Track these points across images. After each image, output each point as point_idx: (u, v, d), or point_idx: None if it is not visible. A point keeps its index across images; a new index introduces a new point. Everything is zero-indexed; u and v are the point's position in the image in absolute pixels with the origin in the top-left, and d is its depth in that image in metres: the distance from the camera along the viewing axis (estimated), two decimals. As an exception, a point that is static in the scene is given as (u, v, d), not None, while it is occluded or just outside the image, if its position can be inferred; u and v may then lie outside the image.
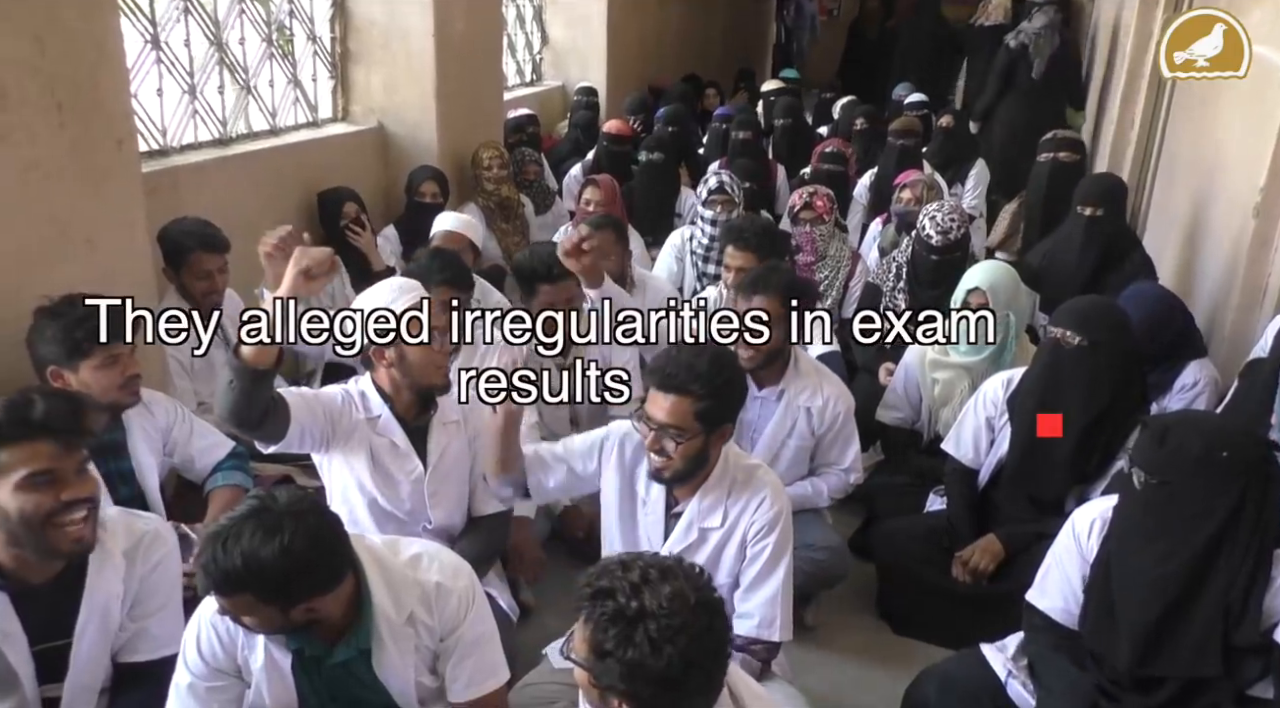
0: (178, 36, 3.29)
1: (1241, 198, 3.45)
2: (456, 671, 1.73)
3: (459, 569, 1.76)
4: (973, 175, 5.41)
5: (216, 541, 1.47)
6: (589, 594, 1.30)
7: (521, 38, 6.43)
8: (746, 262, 3.15)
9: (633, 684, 1.27)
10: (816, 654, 2.57)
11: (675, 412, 1.90)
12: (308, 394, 2.18)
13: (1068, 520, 2.01)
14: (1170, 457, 1.77)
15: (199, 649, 1.65)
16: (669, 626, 1.25)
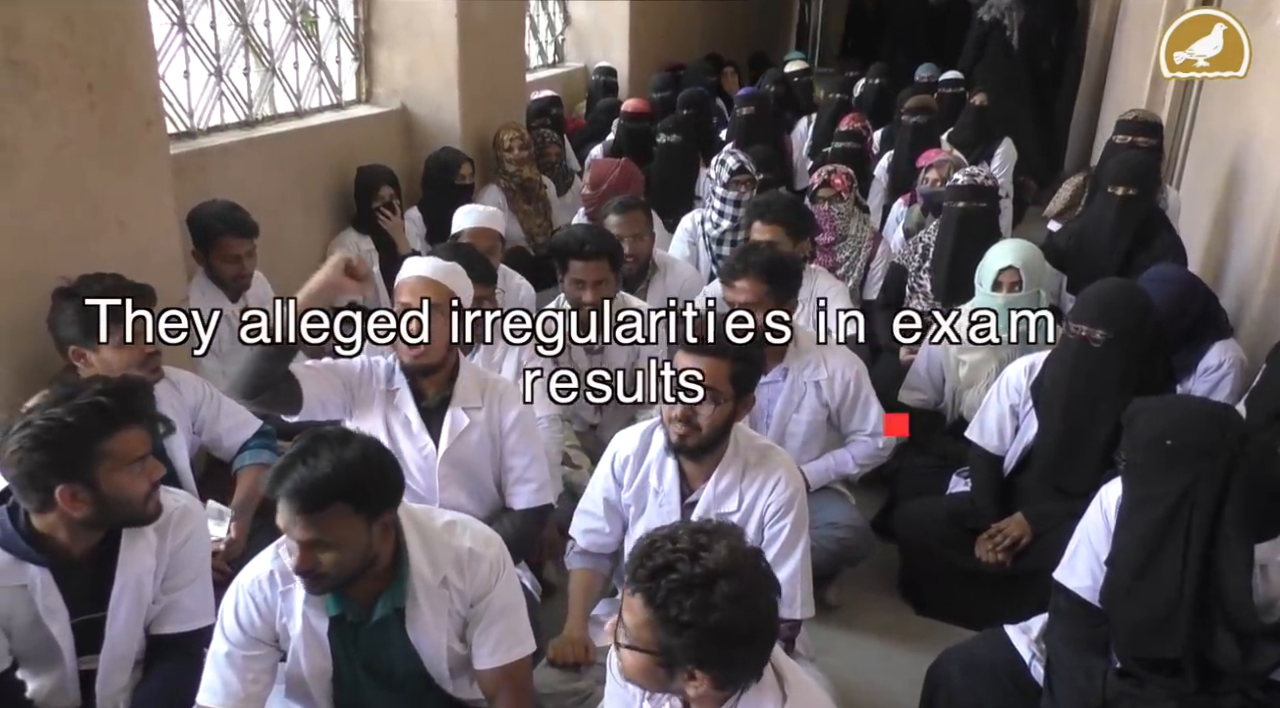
0: (203, 19, 3.31)
1: (1272, 177, 3.40)
2: (484, 637, 1.75)
3: (490, 538, 1.80)
4: (999, 154, 5.35)
5: (297, 461, 1.54)
6: (645, 576, 1.28)
7: (544, 18, 6.41)
8: (774, 234, 3.15)
9: (714, 649, 1.28)
10: (839, 634, 2.58)
11: (711, 372, 1.91)
12: (325, 366, 2.23)
13: (1096, 496, 2.00)
14: (1132, 440, 1.84)
15: (237, 618, 1.69)
16: (740, 579, 1.28)
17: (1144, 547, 1.80)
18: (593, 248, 2.79)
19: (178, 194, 2.69)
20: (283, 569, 1.69)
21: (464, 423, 2.27)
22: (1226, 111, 4.28)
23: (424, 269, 2.23)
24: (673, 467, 2.07)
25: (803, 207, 3.51)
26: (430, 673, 1.77)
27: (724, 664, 1.31)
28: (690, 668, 1.30)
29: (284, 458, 1.57)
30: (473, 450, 2.29)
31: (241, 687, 1.67)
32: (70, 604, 1.74)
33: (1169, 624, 1.78)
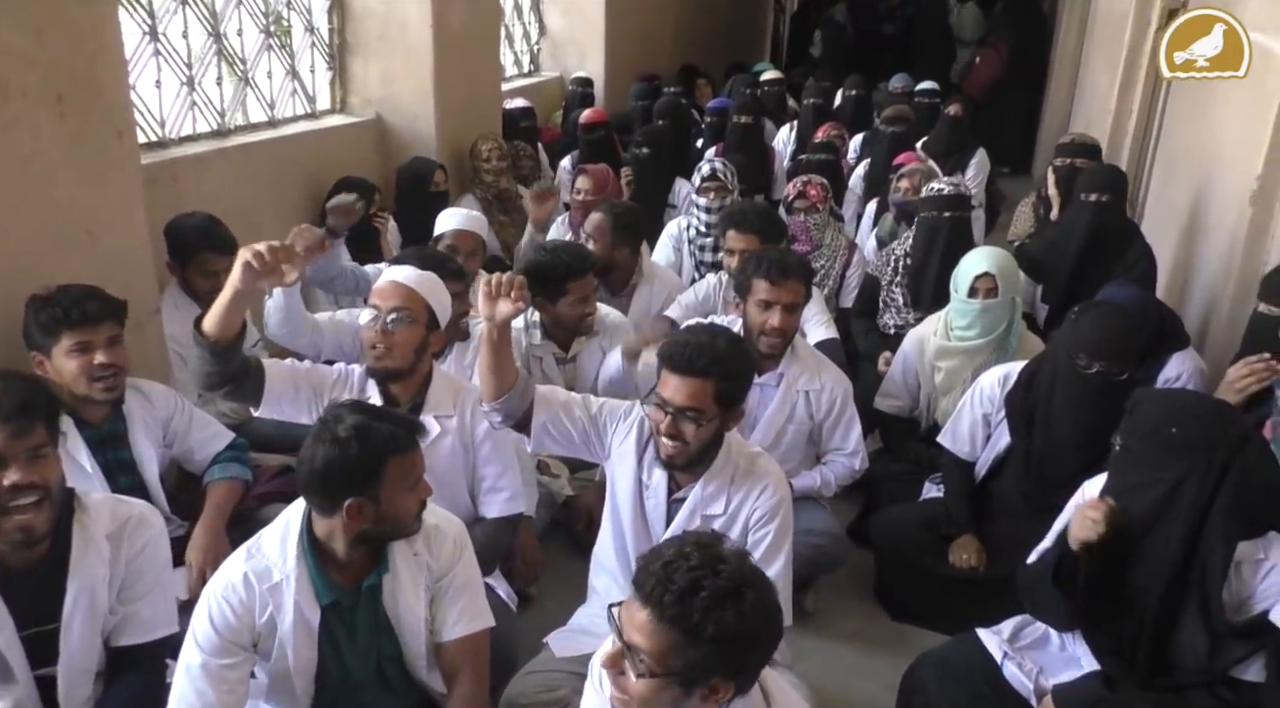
0: (175, 28, 3.29)
1: (1239, 186, 3.46)
2: (448, 610, 1.80)
3: (451, 518, 1.89)
4: (974, 164, 5.42)
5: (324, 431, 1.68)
6: (673, 600, 1.25)
7: (519, 28, 6.42)
8: (749, 244, 3.17)
9: (746, 655, 1.29)
10: (815, 640, 2.59)
11: (695, 394, 1.92)
12: (299, 368, 2.27)
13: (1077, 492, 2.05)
14: (1132, 426, 1.88)
15: (213, 624, 1.69)
16: (761, 584, 1.31)
17: (1135, 529, 1.84)
18: (590, 263, 2.87)
19: (149, 204, 2.66)
20: (257, 568, 1.71)
21: (435, 431, 2.27)
22: (1192, 121, 4.36)
23: (402, 276, 2.26)
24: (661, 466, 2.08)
25: (776, 216, 3.53)
26: (408, 655, 1.79)
27: (747, 670, 1.32)
28: (714, 682, 1.29)
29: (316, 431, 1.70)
30: (444, 459, 2.29)
31: (217, 698, 1.66)
32: (18, 615, 1.70)
33: (1136, 606, 1.83)
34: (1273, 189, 3.24)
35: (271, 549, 1.74)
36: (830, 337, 3.25)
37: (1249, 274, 3.26)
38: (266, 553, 1.73)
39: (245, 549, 1.75)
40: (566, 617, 2.27)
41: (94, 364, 2.14)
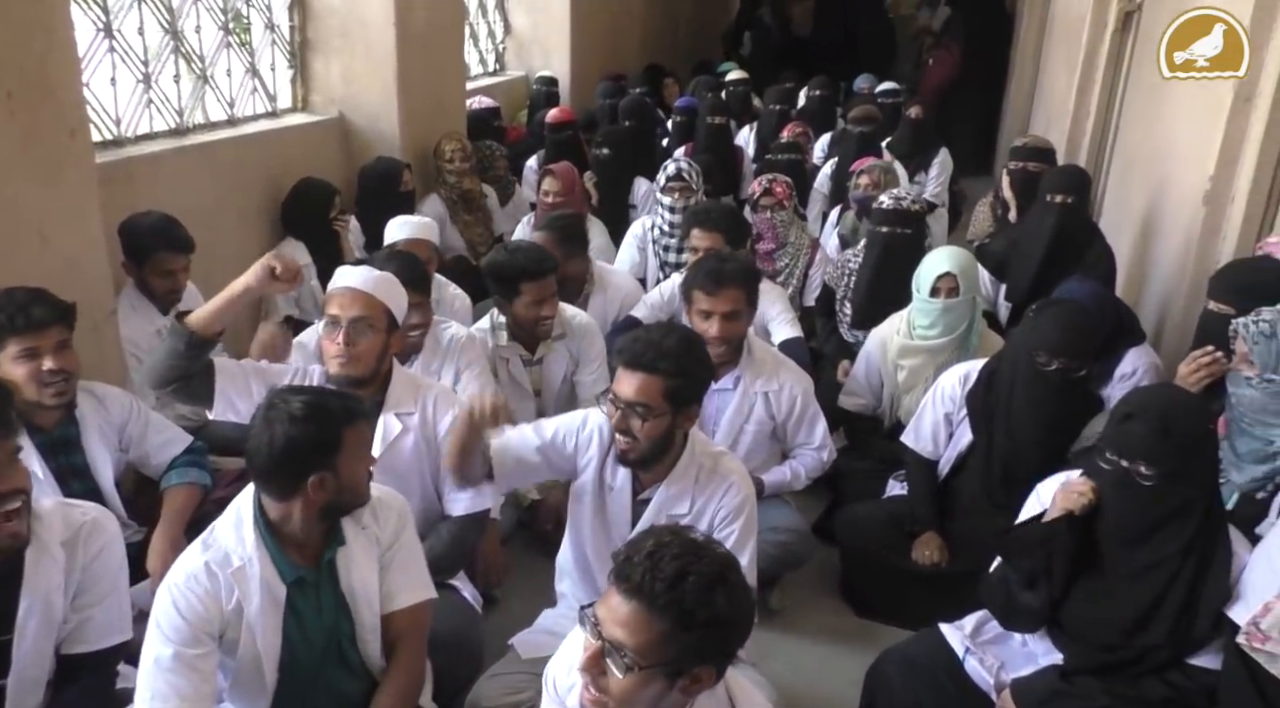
0: (131, 25, 3.23)
1: (1192, 186, 3.53)
2: (395, 580, 1.84)
3: (394, 494, 1.93)
4: (936, 163, 5.48)
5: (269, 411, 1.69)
6: (664, 589, 1.25)
7: (484, 27, 6.39)
8: (713, 243, 3.19)
9: (732, 636, 1.32)
10: (781, 638, 2.60)
11: (644, 389, 1.92)
12: (250, 366, 2.27)
13: (1032, 493, 2.07)
14: (1179, 445, 1.79)
15: (179, 612, 1.67)
16: (735, 565, 1.34)
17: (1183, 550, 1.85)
18: (549, 265, 2.83)
19: (105, 204, 2.62)
20: (216, 558, 1.70)
21: (396, 430, 2.26)
22: (1147, 122, 4.44)
23: (355, 280, 2.23)
24: None
25: (740, 215, 3.55)
26: (362, 632, 1.80)
27: (729, 654, 1.34)
28: (699, 669, 1.30)
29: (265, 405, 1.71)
30: (406, 458, 2.28)
31: (193, 688, 1.63)
32: None
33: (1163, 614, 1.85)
34: (1224, 189, 3.31)
35: (227, 538, 1.73)
36: (795, 336, 3.27)
37: (1202, 272, 3.32)
38: (223, 543, 1.72)
39: (200, 542, 1.74)
40: (532, 618, 2.26)
41: (42, 370, 2.10)
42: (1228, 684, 1.77)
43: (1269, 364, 2.10)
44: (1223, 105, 3.26)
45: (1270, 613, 1.68)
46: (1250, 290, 2.37)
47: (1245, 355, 2.14)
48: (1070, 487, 1.91)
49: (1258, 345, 2.11)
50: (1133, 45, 5.13)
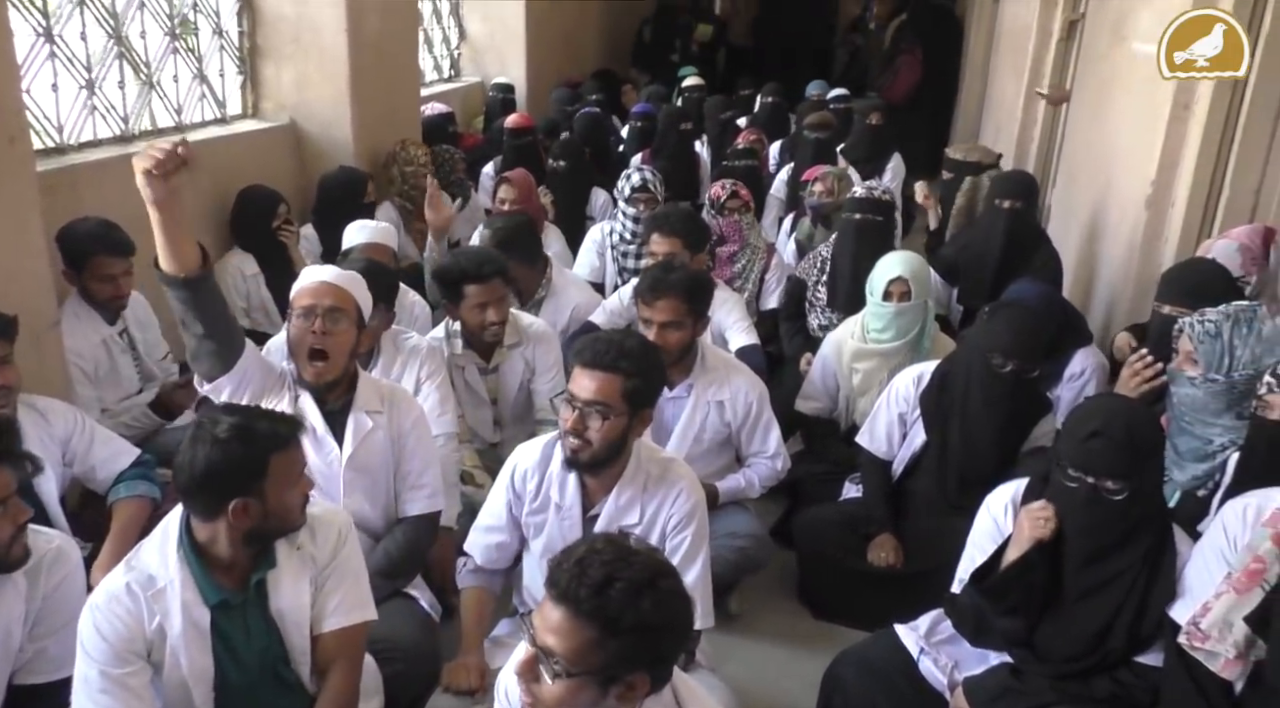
0: (73, 30, 3.16)
1: (1135, 192, 3.62)
2: (329, 600, 1.78)
3: (335, 510, 1.89)
4: (890, 168, 5.56)
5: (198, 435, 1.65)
6: (590, 594, 1.26)
7: (439, 33, 6.35)
8: (672, 247, 3.20)
9: (664, 644, 1.31)
10: (739, 641, 2.61)
11: (604, 388, 1.93)
12: (260, 353, 2.29)
13: (981, 507, 2.09)
14: (1142, 457, 1.82)
15: (100, 633, 1.63)
16: (672, 574, 1.33)
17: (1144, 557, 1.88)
18: (490, 269, 2.80)
19: (46, 213, 2.56)
20: (139, 578, 1.66)
21: (367, 426, 2.26)
22: (1091, 130, 4.55)
23: (327, 275, 2.24)
24: (574, 481, 2.07)
25: (700, 219, 3.57)
26: (292, 654, 1.76)
27: (663, 661, 1.33)
28: (630, 677, 1.29)
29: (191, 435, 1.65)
30: (376, 455, 2.28)
31: (124, 705, 1.60)
32: None
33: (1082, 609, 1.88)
34: (1165, 194, 3.41)
35: (151, 558, 1.69)
36: (751, 343, 3.29)
37: (1146, 274, 3.42)
38: (146, 562, 1.68)
39: (125, 562, 1.70)
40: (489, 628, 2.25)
41: None
42: (1169, 683, 1.81)
43: (1213, 364, 2.14)
44: (1162, 113, 3.36)
45: (1209, 613, 1.71)
46: (1200, 292, 2.43)
47: (1190, 355, 2.18)
48: (1033, 514, 1.89)
49: (1202, 345, 2.15)
50: (1077, 53, 5.26)
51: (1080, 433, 1.84)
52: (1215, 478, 2.17)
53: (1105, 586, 1.88)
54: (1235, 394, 2.11)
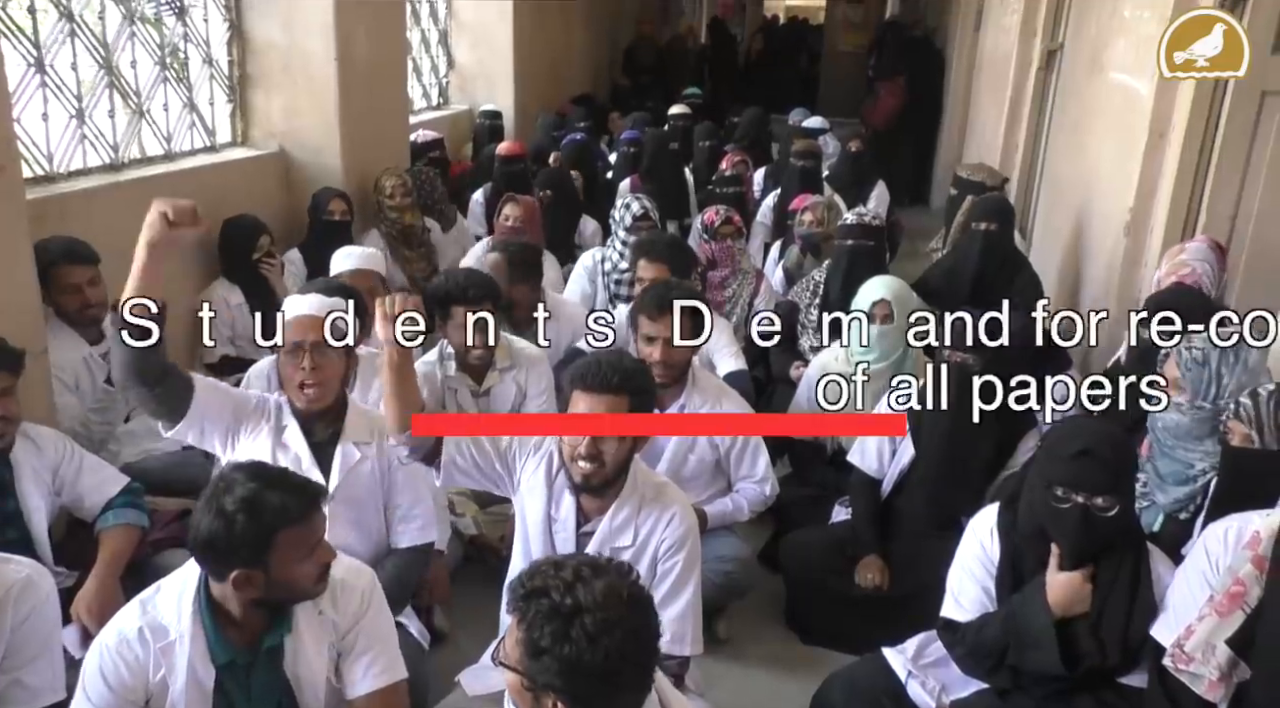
0: (64, 59, 3.19)
1: (1114, 217, 3.68)
2: (356, 664, 1.75)
3: (360, 569, 1.82)
4: (874, 196, 5.62)
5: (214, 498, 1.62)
6: (522, 595, 1.31)
7: (427, 61, 6.41)
8: (658, 273, 3.24)
9: (569, 681, 1.28)
10: (728, 666, 2.61)
11: (614, 410, 1.94)
12: (222, 388, 2.22)
13: (967, 532, 2.11)
14: (1125, 475, 1.89)
15: (105, 679, 1.61)
16: (604, 620, 1.28)
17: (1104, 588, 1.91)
18: (475, 292, 2.81)
19: (38, 243, 2.57)
20: (152, 624, 1.64)
21: (355, 457, 2.26)
22: (1071, 157, 4.63)
23: (313, 308, 2.23)
24: (570, 497, 2.08)
25: (685, 245, 3.61)
26: None
27: (581, 700, 1.31)
28: (552, 697, 1.31)
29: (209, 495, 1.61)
30: (364, 487, 2.27)
31: None
32: None
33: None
34: (1144, 220, 3.47)
35: (167, 606, 1.67)
36: (739, 368, 3.31)
37: (1125, 299, 3.47)
38: (161, 610, 1.66)
39: (140, 602, 1.67)
40: (479, 655, 2.24)
41: None
42: (1151, 705, 1.82)
43: (1200, 391, 2.17)
44: (1139, 141, 3.42)
45: (1193, 635, 1.73)
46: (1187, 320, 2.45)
47: (1176, 381, 2.21)
48: (1073, 584, 1.88)
49: (1190, 373, 2.18)
50: (1056, 82, 5.36)
51: (1066, 452, 1.85)
52: (1197, 501, 2.19)
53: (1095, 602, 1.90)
54: (1218, 423, 2.14)
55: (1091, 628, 1.89)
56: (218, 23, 3.98)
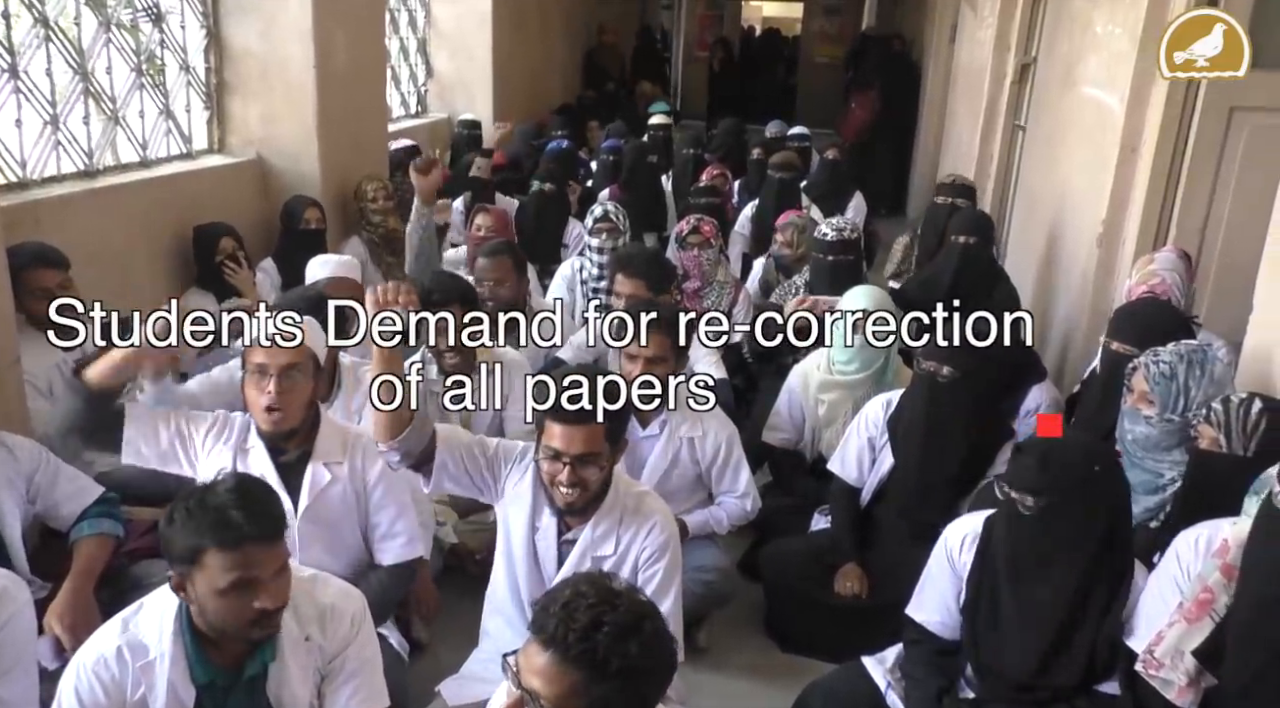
0: (38, 65, 3.16)
1: (1087, 229, 3.74)
2: (341, 692, 1.72)
3: (350, 592, 1.79)
4: (851, 207, 5.66)
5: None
6: (578, 638, 1.25)
7: (406, 69, 6.40)
8: (636, 289, 3.24)
9: (650, 686, 1.30)
10: (708, 675, 2.61)
11: (591, 439, 1.94)
12: (160, 415, 2.20)
13: (940, 538, 2.13)
14: (1056, 478, 1.87)
15: (79, 698, 1.58)
16: (653, 615, 1.33)
17: (1080, 583, 1.91)
18: (440, 296, 2.80)
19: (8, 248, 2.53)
20: (131, 642, 1.61)
21: (325, 479, 2.22)
22: (1044, 170, 4.69)
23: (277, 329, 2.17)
24: None
25: (664, 259, 3.62)
26: None
27: (646, 704, 1.32)
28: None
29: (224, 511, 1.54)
30: (335, 508, 2.24)
31: None
32: None
33: (1095, 652, 1.91)
34: (1116, 232, 3.53)
35: (148, 625, 1.64)
36: (719, 377, 3.33)
37: (1099, 310, 3.52)
38: (142, 628, 1.63)
39: (121, 619, 1.64)
40: (459, 665, 2.24)
41: None
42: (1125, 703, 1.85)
43: (1168, 404, 2.20)
44: (1111, 155, 3.48)
45: (1163, 641, 1.76)
46: (1153, 332, 2.49)
47: (1145, 394, 2.24)
48: None
49: (1158, 386, 2.21)
50: (1030, 95, 5.43)
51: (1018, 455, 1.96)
52: (1166, 510, 2.23)
53: (1044, 609, 1.92)
54: (1187, 433, 2.17)
55: (1090, 636, 1.91)
56: (195, 29, 3.95)
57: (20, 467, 2.21)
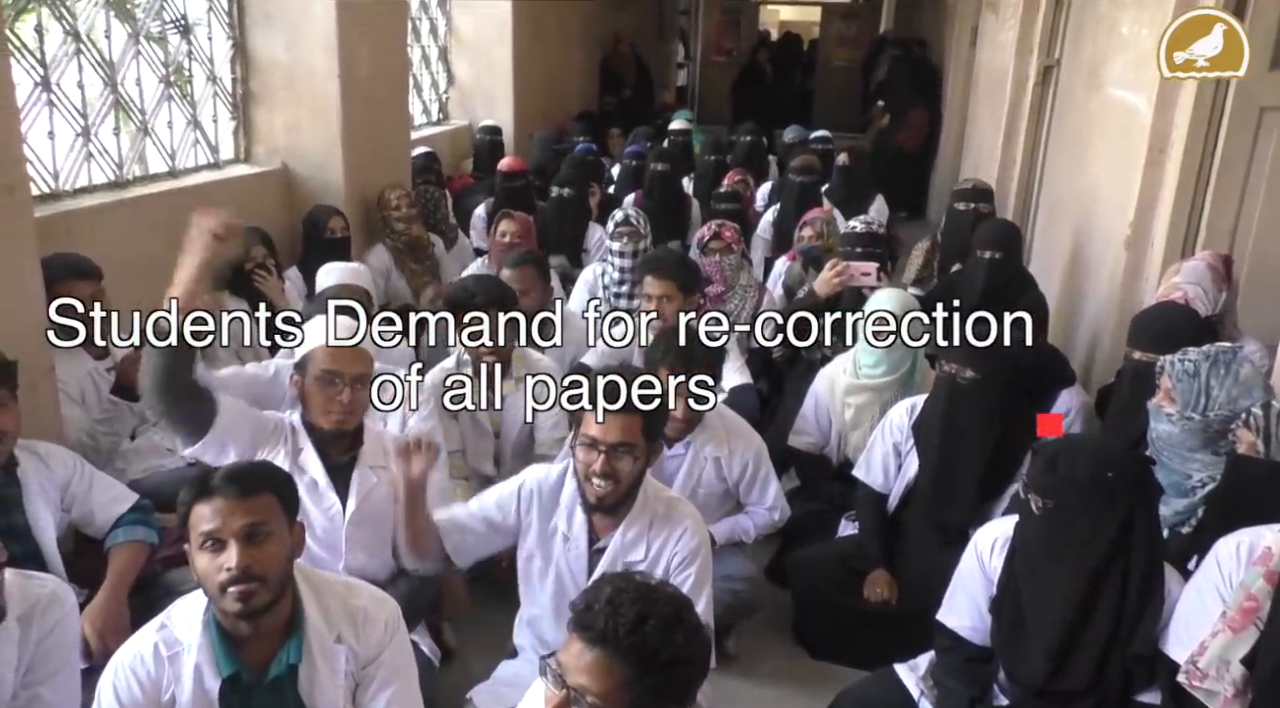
0: (69, 78, 3.20)
1: (1114, 232, 3.70)
2: (377, 699, 1.72)
3: (384, 599, 1.80)
4: (873, 209, 5.63)
5: None
6: (627, 632, 1.27)
7: (427, 77, 6.44)
8: (666, 290, 3.24)
9: (694, 674, 1.33)
10: (738, 683, 2.60)
11: (627, 429, 1.95)
12: (244, 408, 2.24)
13: (970, 542, 2.12)
14: (1062, 481, 1.88)
15: (118, 698, 1.61)
16: (689, 604, 1.37)
17: (1089, 584, 1.88)
18: (481, 300, 2.82)
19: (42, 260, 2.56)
20: (166, 639, 1.64)
21: (372, 481, 2.26)
22: (1070, 172, 4.65)
23: (347, 332, 2.24)
24: (582, 514, 2.09)
25: (692, 262, 3.62)
26: None
27: (688, 694, 1.35)
28: None
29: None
30: (380, 511, 2.27)
31: None
32: None
33: (1107, 657, 1.89)
34: (1144, 235, 3.49)
35: (181, 619, 1.67)
36: (744, 383, 3.32)
37: (1127, 313, 3.47)
38: (176, 622, 1.67)
39: (160, 619, 1.67)
40: (489, 672, 2.24)
41: None
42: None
43: (1189, 402, 2.18)
44: (1139, 156, 3.45)
45: (1207, 651, 1.73)
46: (1170, 337, 2.47)
47: (1168, 392, 2.22)
48: None
49: (1180, 383, 2.19)
50: (1053, 98, 5.39)
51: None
52: (1198, 513, 2.20)
53: (1058, 609, 1.90)
54: (1210, 433, 2.15)
55: (1099, 641, 1.89)
56: (221, 41, 4.00)
57: (54, 475, 2.24)
